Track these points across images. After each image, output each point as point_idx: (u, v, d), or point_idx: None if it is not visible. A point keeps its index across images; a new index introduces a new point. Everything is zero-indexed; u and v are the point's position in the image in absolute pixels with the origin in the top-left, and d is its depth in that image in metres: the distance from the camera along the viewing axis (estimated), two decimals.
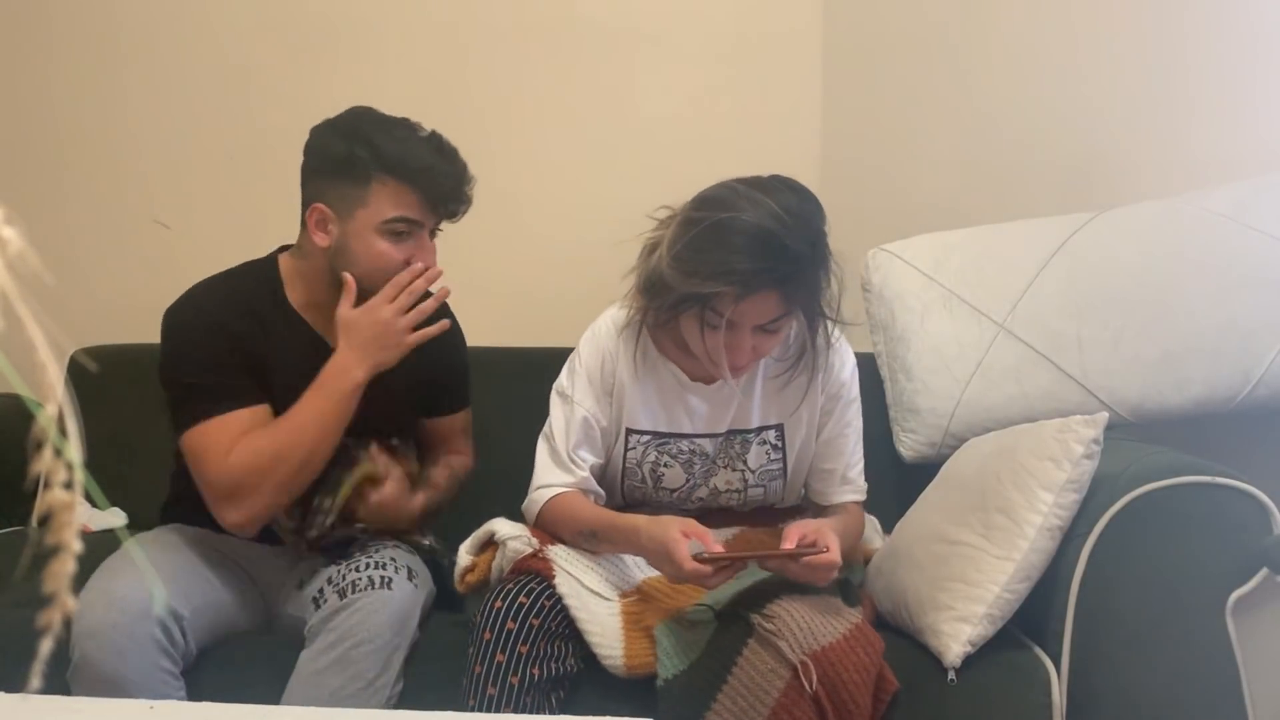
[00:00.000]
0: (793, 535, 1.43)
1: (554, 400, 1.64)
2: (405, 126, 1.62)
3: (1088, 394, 1.86)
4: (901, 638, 1.56)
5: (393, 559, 1.58)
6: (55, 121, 2.52)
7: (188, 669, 1.51)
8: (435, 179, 1.59)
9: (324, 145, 1.62)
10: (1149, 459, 1.53)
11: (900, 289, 2.02)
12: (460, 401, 1.88)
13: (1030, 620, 1.53)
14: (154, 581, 1.51)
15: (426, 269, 1.61)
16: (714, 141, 2.40)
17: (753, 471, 1.64)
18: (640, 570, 1.57)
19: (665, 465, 1.63)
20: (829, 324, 1.55)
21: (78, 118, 2.51)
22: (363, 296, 1.62)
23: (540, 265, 2.35)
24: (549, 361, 1.74)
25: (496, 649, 1.42)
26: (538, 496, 1.60)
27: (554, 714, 1.42)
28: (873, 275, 2.07)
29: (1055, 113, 2.29)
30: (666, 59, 2.40)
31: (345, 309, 1.61)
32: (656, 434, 1.62)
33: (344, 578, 1.53)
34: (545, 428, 1.64)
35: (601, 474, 1.67)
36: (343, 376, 1.59)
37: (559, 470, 1.60)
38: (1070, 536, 1.49)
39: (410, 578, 1.56)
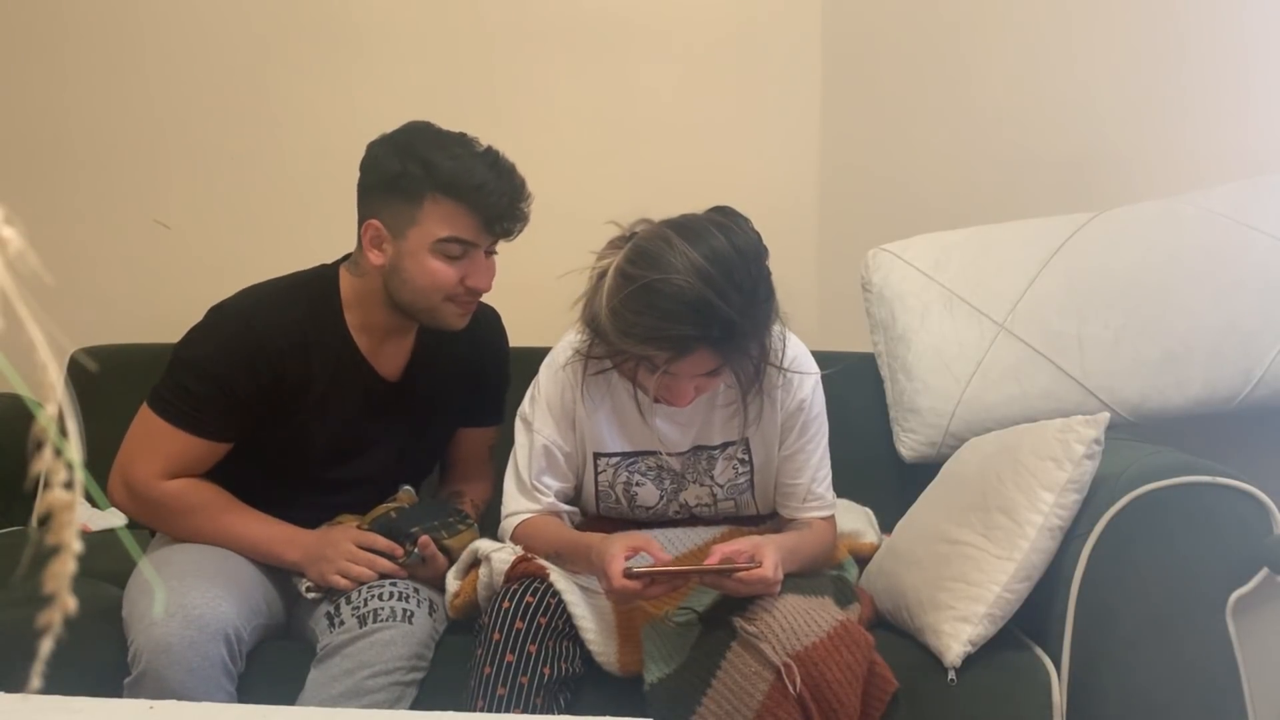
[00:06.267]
0: (721, 551, 1.41)
1: (518, 426, 1.64)
2: (461, 143, 1.59)
3: (1088, 394, 1.87)
4: (901, 638, 1.56)
5: (416, 590, 1.57)
6: (56, 121, 2.52)
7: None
8: (488, 197, 1.56)
9: (378, 162, 1.61)
10: (1149, 459, 1.53)
11: (900, 289, 2.02)
12: (495, 415, 1.87)
13: (1030, 620, 1.53)
14: (158, 586, 1.51)
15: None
16: (714, 142, 2.40)
17: (720, 486, 1.64)
18: None
19: (637, 484, 1.63)
20: (778, 352, 1.53)
21: (78, 118, 2.51)
22: (417, 317, 1.64)
23: (540, 263, 2.35)
24: None
25: (506, 649, 1.42)
26: (506, 525, 1.62)
27: (559, 715, 1.42)
28: (873, 275, 2.07)
29: (1055, 113, 2.29)
30: (667, 59, 2.40)
31: (351, 525, 1.65)
32: (624, 454, 1.62)
33: (365, 604, 1.52)
34: (512, 454, 1.65)
35: (576, 496, 1.67)
36: (284, 546, 1.62)
37: (524, 498, 1.61)
38: (1071, 536, 1.49)
39: (430, 611, 1.56)
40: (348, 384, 1.67)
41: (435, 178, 1.56)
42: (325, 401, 1.66)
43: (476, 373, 1.81)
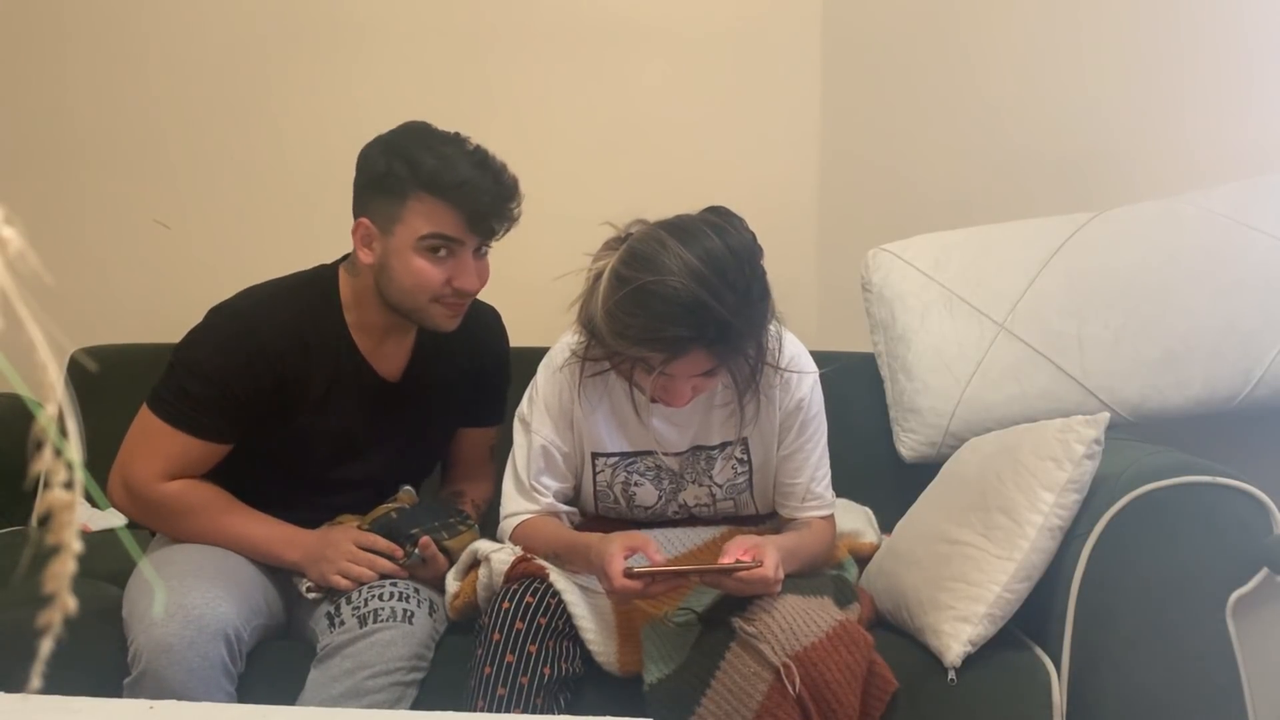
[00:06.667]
0: (732, 551, 1.42)
1: (516, 427, 1.64)
2: (451, 142, 1.59)
3: (1088, 394, 1.87)
4: (901, 637, 1.56)
5: (416, 590, 1.57)
6: (56, 121, 2.52)
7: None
8: (471, 195, 1.55)
9: (368, 161, 1.61)
10: (1149, 459, 1.53)
11: (900, 289, 2.02)
12: (496, 415, 1.86)
13: (1030, 620, 1.53)
14: (158, 586, 1.51)
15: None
16: (715, 142, 2.40)
17: (719, 486, 1.64)
18: None
19: (635, 484, 1.63)
20: (774, 351, 1.53)
21: (79, 118, 2.51)
22: (408, 317, 1.63)
23: (538, 264, 2.35)
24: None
25: (506, 649, 1.42)
26: (505, 526, 1.62)
27: (559, 715, 1.42)
28: (873, 275, 2.07)
29: (1055, 112, 2.29)
30: (665, 57, 2.40)
31: (352, 525, 1.65)
32: (622, 454, 1.62)
33: (366, 604, 1.52)
34: (511, 454, 1.65)
35: (575, 496, 1.67)
36: (284, 547, 1.62)
37: (522, 499, 1.61)
38: (1071, 536, 1.49)
39: (431, 612, 1.56)
40: (347, 384, 1.67)
41: (419, 175, 1.55)
42: (325, 402, 1.65)
43: (477, 373, 1.81)
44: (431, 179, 1.55)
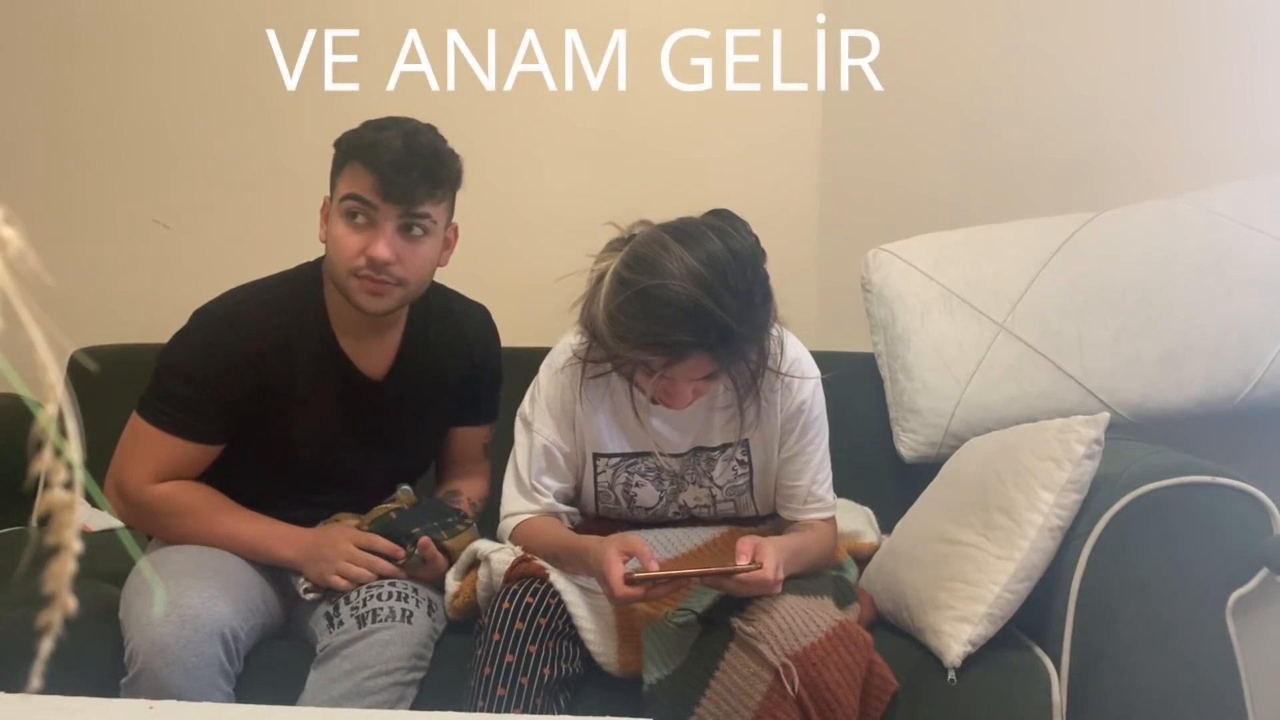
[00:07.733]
0: (745, 552, 1.41)
1: (518, 426, 1.65)
2: (399, 123, 1.60)
3: (1087, 394, 1.87)
4: (902, 637, 1.56)
5: (415, 590, 1.57)
6: (56, 122, 2.52)
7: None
8: (378, 154, 1.55)
9: None
10: (1149, 459, 1.53)
11: (900, 289, 2.02)
12: (488, 413, 1.86)
13: (1030, 620, 1.53)
14: (157, 586, 1.51)
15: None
16: (715, 142, 2.40)
17: (720, 488, 1.64)
18: None
19: (637, 485, 1.63)
20: (776, 355, 1.53)
21: (79, 118, 2.51)
22: (344, 297, 1.61)
23: (539, 264, 2.35)
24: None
25: (505, 650, 1.42)
26: (505, 525, 1.62)
27: (559, 715, 1.42)
28: (873, 275, 2.07)
29: (1055, 113, 2.29)
30: (668, 59, 2.40)
31: (351, 523, 1.65)
32: (623, 455, 1.62)
33: (364, 604, 1.52)
34: (512, 454, 1.65)
35: (576, 496, 1.67)
36: (279, 544, 1.62)
37: (523, 499, 1.61)
38: (1071, 536, 1.49)
39: (429, 611, 1.56)
40: (331, 383, 1.67)
41: (350, 143, 1.59)
42: (309, 401, 1.65)
43: (465, 371, 1.80)
44: (356, 145, 1.58)
